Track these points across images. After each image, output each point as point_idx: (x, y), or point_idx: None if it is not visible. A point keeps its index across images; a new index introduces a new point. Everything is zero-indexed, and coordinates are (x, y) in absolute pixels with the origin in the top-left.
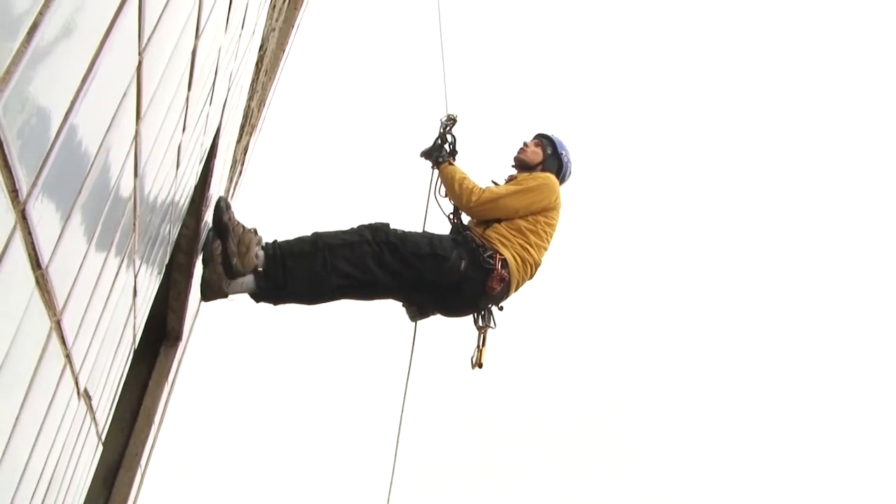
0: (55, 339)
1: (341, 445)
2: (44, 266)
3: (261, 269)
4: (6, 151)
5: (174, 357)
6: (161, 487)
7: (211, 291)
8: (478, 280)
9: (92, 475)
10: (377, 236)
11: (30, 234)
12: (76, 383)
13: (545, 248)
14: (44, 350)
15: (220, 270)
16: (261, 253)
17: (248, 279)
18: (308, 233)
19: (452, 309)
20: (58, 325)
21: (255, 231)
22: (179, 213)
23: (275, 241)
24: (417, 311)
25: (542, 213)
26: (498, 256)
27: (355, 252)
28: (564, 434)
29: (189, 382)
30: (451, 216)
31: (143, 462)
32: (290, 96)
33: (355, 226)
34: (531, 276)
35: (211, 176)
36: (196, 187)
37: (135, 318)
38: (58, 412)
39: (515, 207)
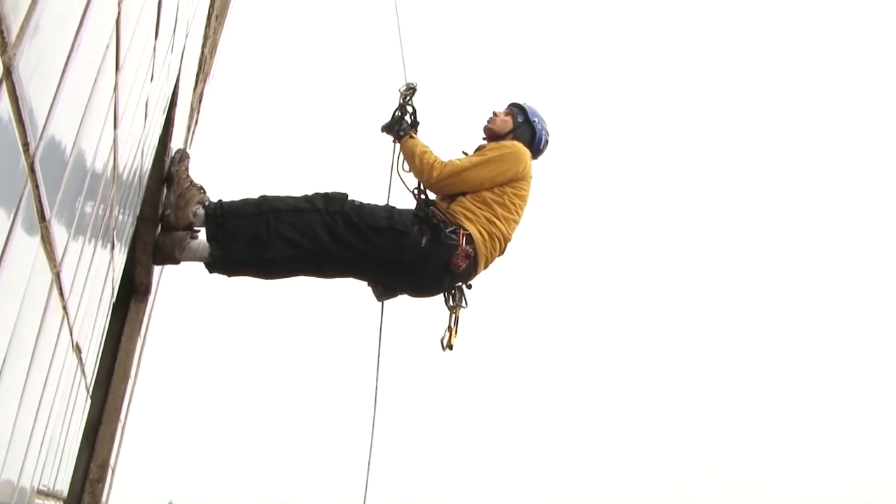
0: (55, 292)
1: (316, 398)
2: (47, 218)
3: (197, 227)
4: (21, 106)
5: (144, 311)
6: (141, 441)
7: (162, 255)
8: (441, 257)
9: (83, 428)
10: (331, 206)
11: (37, 187)
12: (71, 336)
13: (515, 222)
14: (47, 303)
15: (176, 236)
16: (200, 211)
17: (202, 248)
18: (256, 195)
19: (418, 288)
20: (57, 278)
21: (202, 189)
22: (147, 164)
23: (219, 201)
24: (383, 290)
25: (509, 184)
26: (462, 232)
27: (303, 219)
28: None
29: (160, 336)
30: (416, 191)
31: (122, 416)
32: (241, 42)
33: (310, 193)
34: (501, 252)
35: (172, 126)
36: (160, 137)
37: (113, 270)
38: (58, 366)
39: (480, 180)
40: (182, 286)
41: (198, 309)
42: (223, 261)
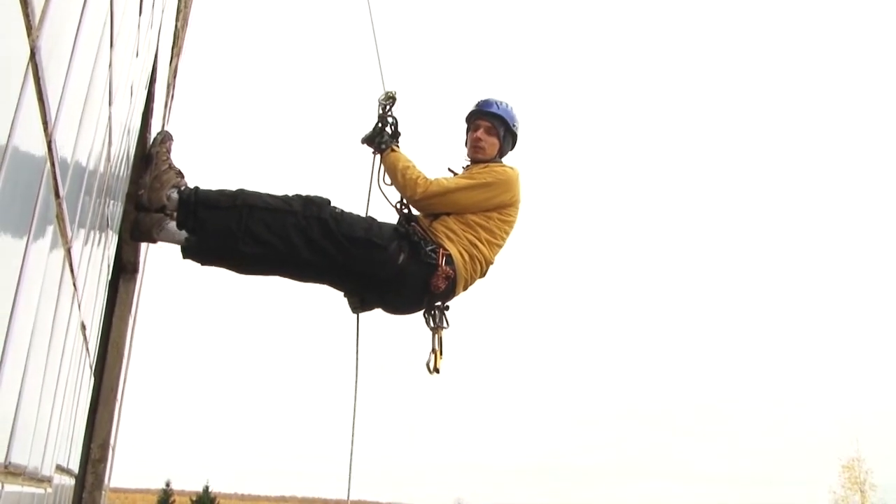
0: (67, 268)
1: (312, 381)
2: (61, 196)
3: (169, 211)
4: (42, 86)
5: (134, 289)
6: (139, 422)
7: (139, 233)
8: (420, 276)
9: (88, 406)
10: (308, 210)
11: (53, 164)
12: (80, 313)
13: (499, 246)
14: (61, 278)
15: (155, 215)
16: (174, 195)
17: (181, 231)
18: (234, 187)
19: (393, 305)
20: (68, 254)
21: (180, 173)
22: (133, 142)
23: (195, 188)
24: (359, 302)
25: (496, 210)
26: (441, 252)
27: (276, 219)
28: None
29: (152, 316)
30: (399, 206)
31: (119, 397)
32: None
33: (291, 193)
34: (481, 275)
35: (153, 102)
36: (142, 114)
37: (109, 248)
38: (70, 343)
39: (465, 203)
40: (174, 266)
41: (192, 289)
42: (197, 248)
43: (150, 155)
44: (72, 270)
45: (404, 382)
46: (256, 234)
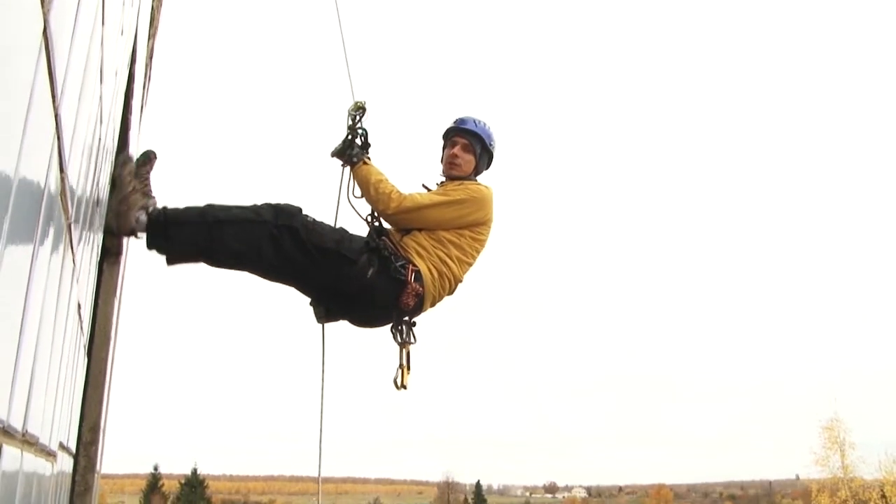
0: (68, 246)
1: (299, 364)
2: (65, 170)
3: (139, 234)
4: (52, 60)
5: (118, 273)
6: (126, 407)
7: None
8: (389, 292)
9: (83, 387)
10: (280, 219)
11: (60, 138)
12: (78, 291)
13: (469, 264)
14: (64, 256)
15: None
16: (143, 217)
17: (150, 249)
18: (202, 203)
19: (360, 318)
20: (69, 230)
21: (147, 194)
22: (116, 120)
23: (164, 208)
24: (325, 312)
25: (468, 228)
26: (411, 267)
27: (246, 230)
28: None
29: (135, 298)
30: (370, 218)
31: (107, 381)
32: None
33: (259, 203)
34: (450, 292)
35: (133, 82)
36: (124, 94)
37: (97, 230)
38: (71, 322)
39: (438, 220)
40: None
41: (177, 274)
42: (167, 257)
43: (113, 178)
44: (72, 247)
45: (393, 360)
46: (228, 246)
